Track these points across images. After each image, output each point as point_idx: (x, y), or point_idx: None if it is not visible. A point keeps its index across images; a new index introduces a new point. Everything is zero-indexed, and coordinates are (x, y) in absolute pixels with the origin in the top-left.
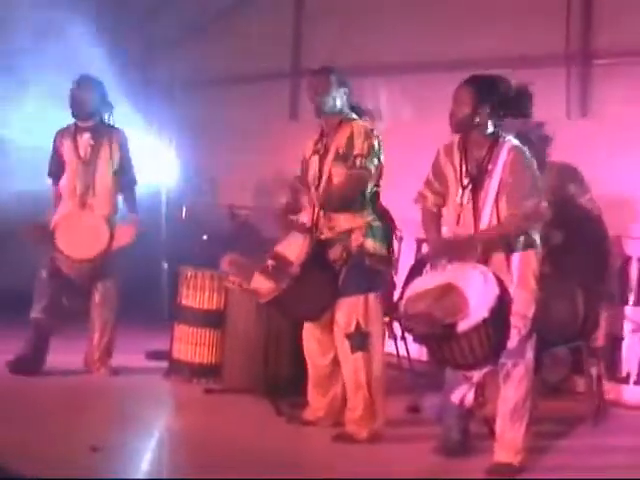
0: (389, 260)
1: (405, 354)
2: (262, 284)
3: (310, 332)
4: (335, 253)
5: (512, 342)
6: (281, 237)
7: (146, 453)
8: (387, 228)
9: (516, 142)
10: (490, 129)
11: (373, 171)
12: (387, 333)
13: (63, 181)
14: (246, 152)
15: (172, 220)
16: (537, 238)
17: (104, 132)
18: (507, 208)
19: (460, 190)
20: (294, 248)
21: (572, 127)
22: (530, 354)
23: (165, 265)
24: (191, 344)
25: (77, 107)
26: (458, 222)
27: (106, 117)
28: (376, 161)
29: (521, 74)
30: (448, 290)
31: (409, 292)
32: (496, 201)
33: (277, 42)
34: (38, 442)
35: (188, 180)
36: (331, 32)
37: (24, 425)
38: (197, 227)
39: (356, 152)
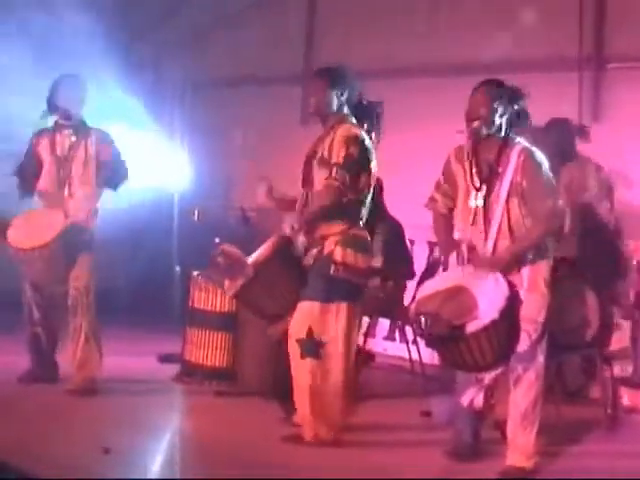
0: (362, 271)
1: (417, 358)
2: (226, 282)
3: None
4: (309, 258)
5: (522, 346)
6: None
7: (157, 455)
8: (366, 239)
9: (526, 144)
10: (501, 132)
11: (348, 181)
12: (399, 337)
13: (40, 181)
14: (258, 154)
15: (184, 223)
16: (548, 247)
17: (84, 131)
18: (524, 210)
19: (471, 193)
20: (262, 248)
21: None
22: (541, 359)
23: (177, 268)
24: (203, 347)
25: (59, 105)
26: (468, 225)
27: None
28: (355, 170)
29: (533, 78)
30: (458, 292)
31: (419, 294)
32: (507, 203)
33: (289, 45)
34: (51, 444)
35: (200, 183)
36: (344, 35)
37: (36, 427)
38: (209, 230)
39: (333, 161)
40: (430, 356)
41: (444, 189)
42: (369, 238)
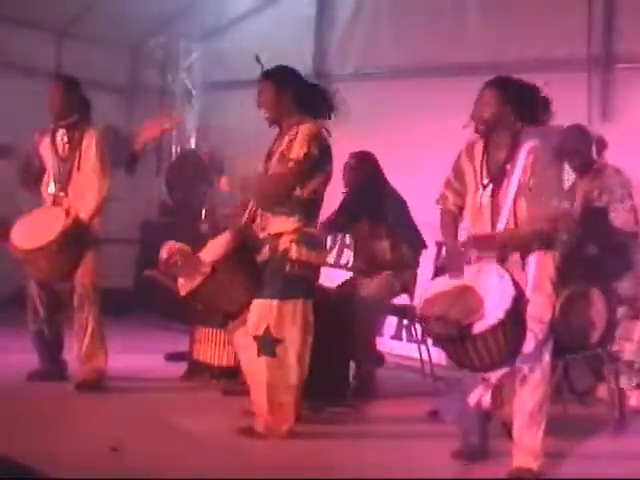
0: (316, 268)
1: (425, 358)
2: (180, 280)
3: (245, 340)
4: (263, 255)
5: (528, 346)
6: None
7: (164, 454)
8: (315, 236)
9: (536, 143)
10: (511, 130)
11: (301, 176)
12: (406, 337)
13: (43, 181)
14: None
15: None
16: (554, 240)
17: (80, 131)
18: (529, 209)
19: (479, 190)
20: (217, 246)
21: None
22: (547, 359)
23: None
24: (211, 346)
25: (56, 106)
26: (476, 223)
27: (83, 116)
28: (313, 169)
29: (542, 78)
30: (464, 291)
31: (426, 294)
32: (514, 202)
33: (301, 45)
34: (59, 443)
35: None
36: (355, 35)
37: (44, 426)
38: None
39: (292, 156)
40: (438, 356)
41: (455, 187)
42: (321, 236)
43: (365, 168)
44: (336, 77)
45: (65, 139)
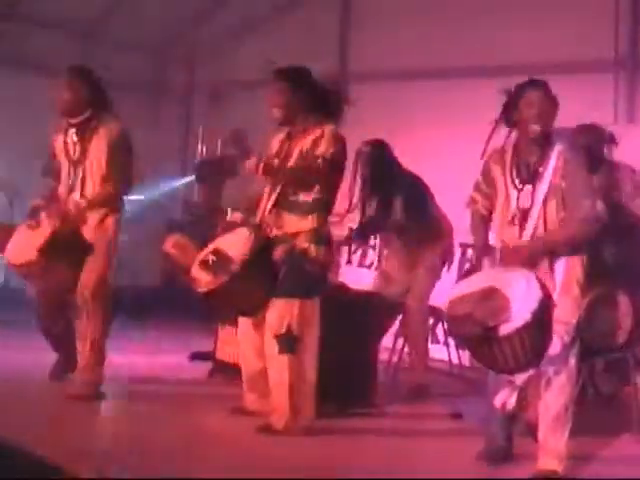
0: (330, 266)
1: (450, 359)
2: (201, 275)
3: (247, 335)
4: (278, 253)
5: (554, 349)
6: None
7: (186, 453)
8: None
9: (566, 145)
10: (541, 133)
11: (331, 176)
12: (430, 338)
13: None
14: None
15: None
16: (583, 243)
17: (94, 128)
18: (562, 212)
19: (509, 193)
20: (238, 243)
21: (619, 132)
22: (573, 362)
23: None
24: (234, 345)
25: (64, 102)
26: (504, 225)
27: (99, 110)
28: (336, 168)
29: (569, 79)
30: (491, 293)
31: (452, 295)
32: (544, 205)
33: (324, 45)
34: (86, 442)
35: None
36: (378, 36)
37: (68, 425)
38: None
39: (319, 153)
40: (463, 358)
41: (483, 190)
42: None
43: (381, 155)
44: (358, 78)
45: (75, 139)
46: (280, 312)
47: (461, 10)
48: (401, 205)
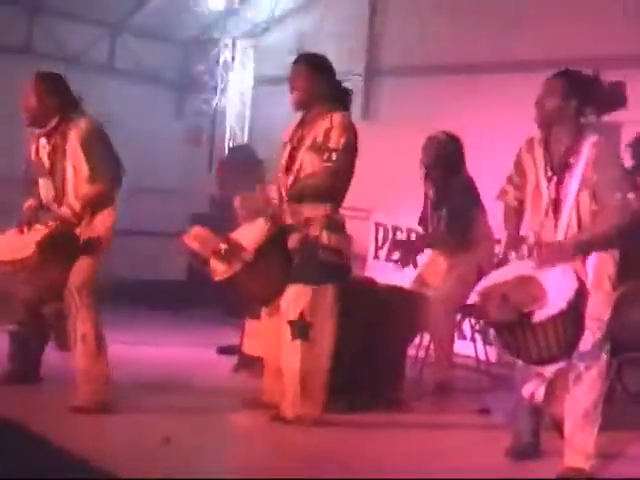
0: (346, 253)
1: (477, 355)
2: (217, 265)
3: (271, 327)
4: (293, 241)
5: (585, 344)
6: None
7: (212, 446)
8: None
9: (599, 137)
10: (575, 124)
11: (346, 167)
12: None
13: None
14: None
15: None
16: (614, 240)
17: (62, 132)
18: (594, 204)
19: (541, 184)
20: (252, 232)
21: None
22: (604, 358)
23: None
24: (259, 339)
25: (31, 111)
26: (537, 217)
27: (67, 114)
28: (350, 157)
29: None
30: (526, 281)
31: (486, 282)
32: (577, 196)
33: (351, 41)
34: (110, 435)
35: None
36: (405, 32)
37: (94, 420)
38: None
39: (332, 146)
40: (490, 353)
41: (515, 181)
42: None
43: (455, 149)
44: (386, 73)
45: (47, 147)
46: (293, 298)
47: (494, 7)
48: (446, 217)
